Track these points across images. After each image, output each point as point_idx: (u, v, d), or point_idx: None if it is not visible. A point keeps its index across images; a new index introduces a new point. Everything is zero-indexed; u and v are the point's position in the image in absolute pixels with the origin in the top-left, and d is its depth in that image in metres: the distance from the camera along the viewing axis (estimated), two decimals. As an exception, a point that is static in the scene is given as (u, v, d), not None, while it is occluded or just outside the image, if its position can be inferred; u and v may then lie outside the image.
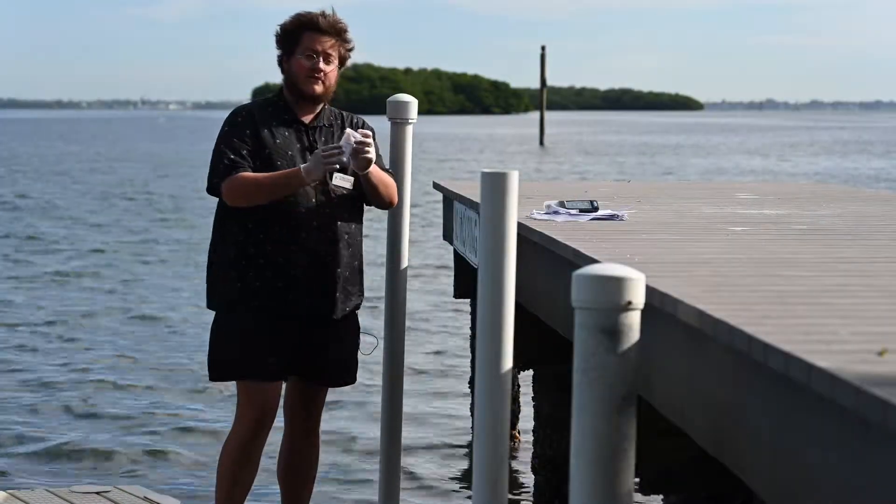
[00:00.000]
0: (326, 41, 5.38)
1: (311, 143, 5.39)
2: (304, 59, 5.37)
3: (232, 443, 5.44)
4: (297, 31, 5.39)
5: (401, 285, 5.79)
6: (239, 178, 5.27)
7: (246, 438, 5.40)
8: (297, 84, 5.39)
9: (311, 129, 5.42)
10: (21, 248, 20.21)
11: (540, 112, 73.96)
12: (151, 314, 13.80)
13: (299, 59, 5.38)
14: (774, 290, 3.96)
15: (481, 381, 3.92)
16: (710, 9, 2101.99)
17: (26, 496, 6.35)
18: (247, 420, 5.39)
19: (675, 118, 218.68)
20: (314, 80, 5.37)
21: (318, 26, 5.37)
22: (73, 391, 10.10)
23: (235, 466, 5.42)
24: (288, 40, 5.41)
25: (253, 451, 5.43)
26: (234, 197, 5.29)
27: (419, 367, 10.97)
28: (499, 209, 3.94)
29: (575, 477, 3.25)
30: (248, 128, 5.36)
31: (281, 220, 5.29)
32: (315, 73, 5.36)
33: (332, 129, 5.46)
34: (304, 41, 5.38)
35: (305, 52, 5.37)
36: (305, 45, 5.38)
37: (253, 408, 5.37)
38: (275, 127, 5.38)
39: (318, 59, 5.36)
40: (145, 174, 42.16)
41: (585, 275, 3.24)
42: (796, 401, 2.97)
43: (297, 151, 5.36)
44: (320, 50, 5.37)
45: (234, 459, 5.42)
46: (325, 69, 5.38)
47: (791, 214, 6.68)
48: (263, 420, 5.39)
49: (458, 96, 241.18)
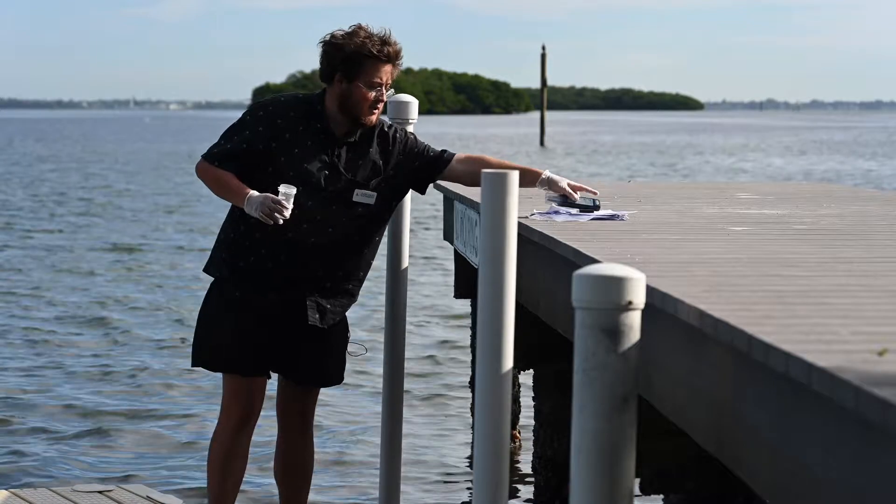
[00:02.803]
0: (388, 71, 5.22)
1: (334, 160, 5.24)
2: (368, 90, 5.17)
3: (219, 436, 5.46)
4: (360, 58, 5.17)
5: (401, 285, 5.80)
6: (211, 170, 5.19)
7: (232, 431, 5.41)
8: (357, 113, 5.20)
9: (340, 142, 5.26)
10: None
11: (541, 112, 73.98)
12: (153, 310, 13.81)
13: (362, 89, 5.17)
14: (774, 290, 3.97)
15: (481, 381, 3.92)
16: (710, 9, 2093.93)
17: (29, 495, 6.35)
18: (232, 413, 5.41)
19: (676, 118, 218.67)
20: (376, 112, 5.23)
21: (385, 58, 5.19)
22: (74, 390, 10.10)
23: (224, 459, 5.44)
24: (348, 64, 5.17)
25: (240, 444, 5.44)
26: (199, 174, 5.27)
27: (419, 367, 10.97)
28: (499, 209, 3.94)
29: (575, 477, 3.25)
30: (267, 126, 5.21)
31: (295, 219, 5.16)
32: (376, 106, 5.22)
33: (364, 142, 5.30)
34: (368, 71, 5.17)
35: (369, 82, 5.17)
36: (370, 76, 5.17)
37: (238, 402, 5.39)
38: (301, 132, 5.23)
39: (381, 92, 5.21)
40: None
41: (586, 275, 3.24)
42: (796, 401, 2.97)
43: (315, 166, 5.21)
44: (384, 81, 5.21)
45: (222, 453, 5.44)
46: (385, 100, 5.27)
47: (791, 214, 6.68)
48: (248, 413, 5.41)
49: (459, 96, 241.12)
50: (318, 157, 5.23)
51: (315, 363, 5.46)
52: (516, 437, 8.49)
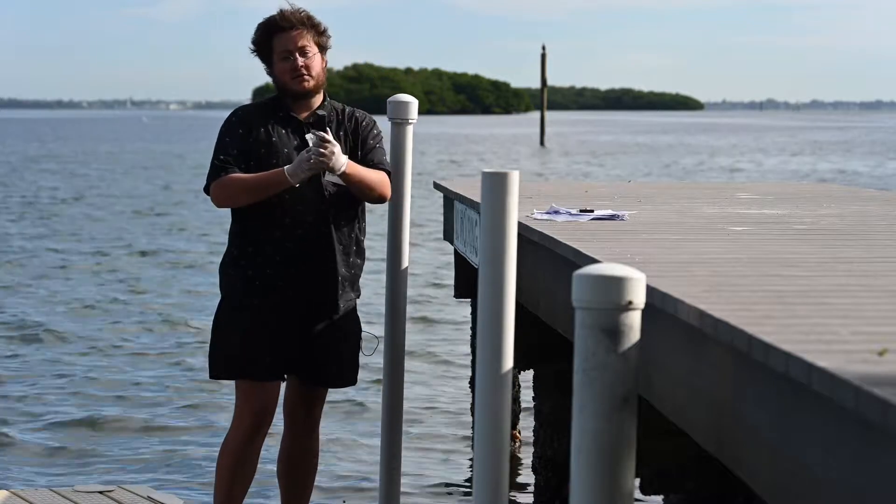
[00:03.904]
0: (296, 36, 5.38)
1: (304, 140, 5.39)
2: (282, 62, 5.38)
3: (230, 441, 5.46)
4: (265, 38, 5.41)
5: (401, 285, 5.80)
6: (226, 180, 5.31)
7: (244, 437, 5.41)
8: (287, 87, 5.40)
9: (305, 124, 5.41)
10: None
11: (541, 112, 73.99)
12: (159, 314, 13.81)
13: (278, 64, 5.39)
14: (774, 290, 3.97)
15: (481, 381, 3.92)
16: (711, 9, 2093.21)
17: (30, 495, 6.36)
18: (245, 419, 5.41)
19: (676, 118, 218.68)
20: (300, 78, 5.37)
21: (282, 25, 5.38)
22: (75, 390, 10.10)
23: (234, 465, 5.43)
24: (263, 50, 5.43)
25: (251, 450, 5.45)
26: (220, 199, 5.36)
27: (419, 367, 10.97)
28: (499, 209, 3.94)
29: (575, 477, 3.25)
30: (242, 127, 5.38)
31: (277, 218, 5.32)
32: (297, 72, 5.37)
33: (330, 123, 5.45)
34: (275, 45, 5.39)
35: (280, 55, 5.38)
36: (278, 49, 5.39)
37: (251, 407, 5.39)
38: (271, 125, 5.40)
39: (294, 58, 5.37)
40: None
41: (586, 275, 3.24)
42: (796, 401, 2.97)
43: (292, 149, 5.37)
44: (293, 47, 5.37)
45: (232, 458, 5.44)
46: (305, 63, 5.38)
47: (791, 214, 6.68)
48: (262, 419, 5.41)
49: (459, 96, 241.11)
50: (290, 142, 5.39)
51: (327, 364, 5.47)
52: (516, 437, 8.49)
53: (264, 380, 5.37)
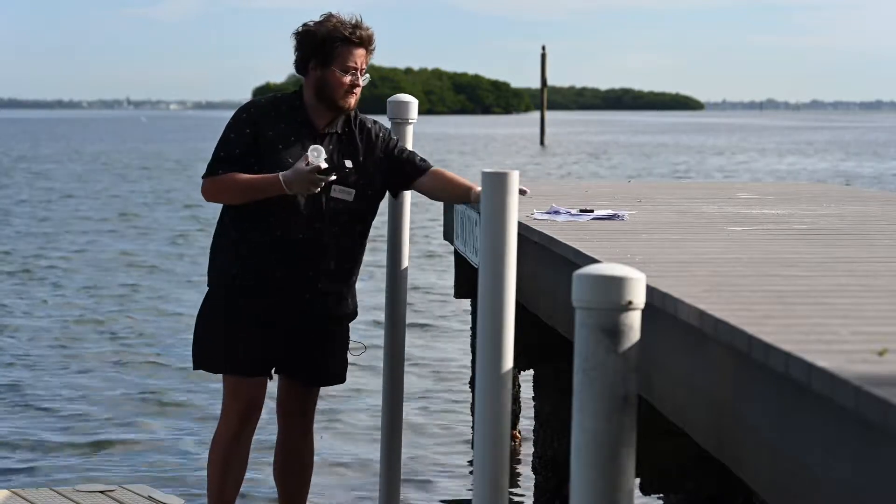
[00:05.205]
0: (362, 55, 5.28)
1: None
2: (343, 74, 5.24)
3: (220, 437, 5.46)
4: (333, 42, 5.24)
5: (401, 285, 5.80)
6: (220, 179, 5.23)
7: (232, 432, 5.41)
8: (334, 97, 5.26)
9: (321, 136, 5.31)
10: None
11: (541, 112, 74.02)
12: (156, 311, 13.82)
13: (337, 74, 5.24)
14: (774, 290, 3.97)
15: (481, 381, 3.92)
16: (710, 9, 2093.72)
17: (31, 495, 6.35)
18: (232, 414, 5.41)
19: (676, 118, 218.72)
20: (352, 95, 5.28)
21: (357, 41, 5.26)
22: (76, 390, 10.10)
23: (224, 460, 5.44)
24: (322, 49, 5.24)
25: (240, 445, 5.45)
26: (210, 194, 5.28)
27: (419, 367, 10.97)
28: (499, 209, 3.94)
29: (575, 477, 3.25)
30: (249, 126, 5.27)
31: (274, 220, 5.24)
32: (354, 89, 5.27)
33: (345, 136, 5.34)
34: (341, 55, 5.24)
35: (344, 66, 5.24)
36: (343, 60, 5.24)
37: (238, 402, 5.39)
38: (282, 128, 5.28)
39: (356, 75, 5.26)
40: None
41: (586, 274, 3.24)
42: (796, 401, 2.97)
43: (298, 158, 5.22)
44: (358, 65, 5.27)
45: (222, 453, 5.44)
46: (362, 84, 5.31)
47: (791, 214, 6.68)
48: (249, 413, 5.41)
49: (459, 96, 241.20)
50: (299, 150, 5.26)
51: (317, 362, 5.46)
52: (516, 437, 8.49)
53: (250, 375, 5.37)
